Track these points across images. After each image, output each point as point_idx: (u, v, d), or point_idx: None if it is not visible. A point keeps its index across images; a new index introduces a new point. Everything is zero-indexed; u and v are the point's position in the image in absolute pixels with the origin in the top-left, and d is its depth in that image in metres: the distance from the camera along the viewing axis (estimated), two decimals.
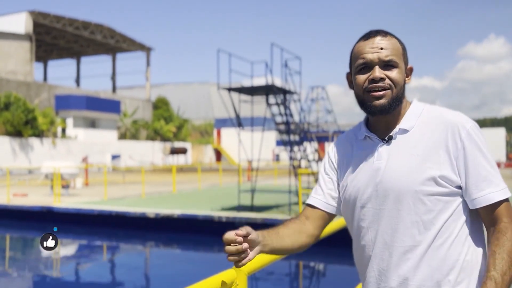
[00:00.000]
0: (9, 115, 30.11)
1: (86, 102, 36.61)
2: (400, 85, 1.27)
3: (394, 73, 1.26)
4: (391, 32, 1.32)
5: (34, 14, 37.68)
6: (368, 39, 1.28)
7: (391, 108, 1.26)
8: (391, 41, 1.28)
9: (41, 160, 29.83)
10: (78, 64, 50.94)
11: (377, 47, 1.26)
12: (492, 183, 1.21)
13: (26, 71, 37.23)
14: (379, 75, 1.24)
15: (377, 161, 1.28)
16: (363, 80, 1.27)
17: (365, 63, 1.27)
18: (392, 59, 1.25)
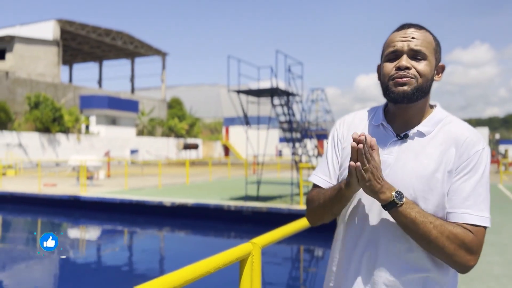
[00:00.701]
0: (39, 113, 30.33)
1: (107, 102, 36.74)
2: (427, 77, 1.15)
3: (422, 65, 1.14)
4: (427, 28, 1.20)
5: (61, 22, 37.86)
6: (402, 29, 1.18)
7: (413, 96, 1.14)
8: (424, 34, 1.17)
9: (67, 154, 30.08)
10: (100, 68, 51.05)
11: (408, 36, 1.16)
12: (475, 205, 1.10)
13: (53, 73, 37.42)
14: (405, 63, 1.13)
15: (387, 155, 1.17)
16: (390, 68, 1.16)
17: (394, 51, 1.16)
18: (421, 50, 1.14)
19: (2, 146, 27.35)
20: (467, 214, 1.09)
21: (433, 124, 1.18)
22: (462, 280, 4.33)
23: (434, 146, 1.15)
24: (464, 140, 1.14)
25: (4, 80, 32.60)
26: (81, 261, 7.99)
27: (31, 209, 12.67)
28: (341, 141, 1.28)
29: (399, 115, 1.20)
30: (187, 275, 1.19)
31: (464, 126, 1.18)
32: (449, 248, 1.07)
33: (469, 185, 1.11)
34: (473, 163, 1.12)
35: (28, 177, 18.63)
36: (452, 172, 1.12)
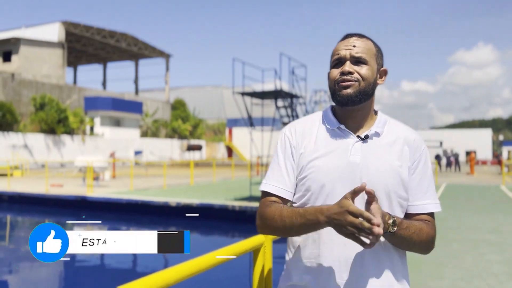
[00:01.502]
0: (44, 115, 30.56)
1: (112, 103, 36.94)
2: (369, 81, 1.25)
3: (363, 70, 1.24)
4: (368, 36, 1.31)
5: (66, 24, 38.12)
6: (345, 39, 1.29)
7: (357, 98, 1.23)
8: (365, 42, 1.27)
9: (72, 155, 30.29)
10: (105, 69, 51.30)
11: (350, 45, 1.26)
12: (431, 196, 1.27)
13: (58, 75, 37.69)
14: (348, 68, 1.23)
15: (353, 156, 1.22)
16: (336, 73, 1.26)
17: (338, 58, 1.26)
18: (362, 56, 1.25)
19: (8, 147, 27.60)
20: (429, 204, 1.26)
21: (382, 125, 1.28)
22: (461, 277, 4.46)
23: (391, 145, 1.25)
24: (413, 139, 1.28)
25: (10, 82, 32.87)
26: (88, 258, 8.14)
27: (39, 209, 12.85)
28: (295, 149, 1.29)
29: (350, 118, 1.28)
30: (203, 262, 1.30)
31: (407, 127, 1.32)
32: (425, 246, 1.24)
33: (425, 180, 1.26)
34: (424, 159, 1.27)
35: (35, 178, 18.83)
36: (409, 168, 1.25)
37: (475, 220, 8.01)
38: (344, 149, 1.23)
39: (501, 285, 4.18)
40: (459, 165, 29.62)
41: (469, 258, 5.22)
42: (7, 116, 28.27)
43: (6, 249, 9.37)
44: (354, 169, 1.20)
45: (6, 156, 25.87)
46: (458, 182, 18.38)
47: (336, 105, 1.28)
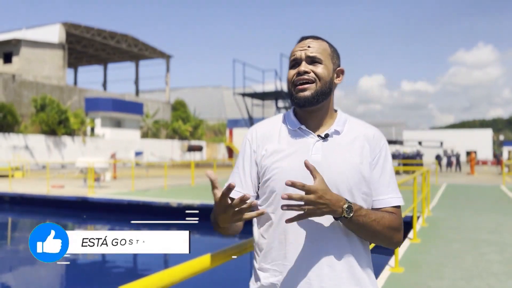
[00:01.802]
0: (45, 116, 30.61)
1: (112, 104, 36.98)
2: (325, 80, 1.27)
3: (319, 69, 1.26)
4: (324, 38, 1.34)
5: (67, 25, 38.18)
6: (300, 41, 1.32)
7: (314, 100, 1.26)
8: (320, 43, 1.30)
9: (72, 156, 30.34)
10: (105, 70, 51.39)
11: (305, 46, 1.29)
12: (393, 190, 1.29)
13: (59, 76, 37.75)
14: (303, 68, 1.26)
15: (314, 155, 1.24)
16: (292, 74, 1.29)
17: (294, 59, 1.29)
18: (317, 55, 1.27)
19: (9, 148, 27.64)
20: (391, 198, 1.27)
21: (342, 124, 1.30)
22: (461, 277, 4.49)
23: (350, 142, 1.27)
24: (373, 135, 1.30)
25: (11, 83, 32.93)
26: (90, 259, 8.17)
27: (40, 210, 12.89)
28: (256, 152, 1.31)
29: (310, 118, 1.30)
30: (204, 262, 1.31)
31: (367, 124, 1.35)
32: (389, 235, 1.24)
33: (386, 174, 1.28)
34: (383, 155, 1.29)
35: (35, 179, 18.87)
36: (370, 164, 1.26)
37: (475, 220, 8.03)
38: (306, 149, 1.25)
39: (501, 284, 4.21)
40: (460, 165, 29.64)
41: (469, 258, 5.24)
42: (8, 117, 28.31)
43: (8, 250, 9.41)
44: (315, 166, 1.17)
45: (7, 157, 25.91)
46: (458, 182, 18.40)
47: (295, 106, 1.31)
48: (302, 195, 1.09)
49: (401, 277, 4.45)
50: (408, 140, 59.38)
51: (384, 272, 4.63)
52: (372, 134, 1.30)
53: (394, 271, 4.65)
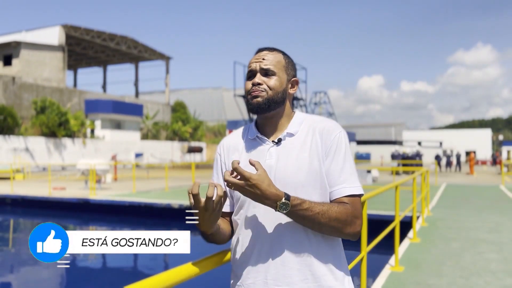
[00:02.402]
0: (45, 118, 30.67)
1: (112, 106, 37.03)
2: (276, 90, 1.34)
3: (271, 81, 1.34)
4: (279, 49, 1.41)
5: (67, 28, 38.26)
6: (257, 53, 1.40)
7: (265, 106, 1.34)
8: (274, 55, 1.38)
9: (73, 158, 30.40)
10: (105, 72, 51.44)
11: (260, 58, 1.37)
12: (347, 180, 1.30)
13: (59, 78, 37.81)
14: (257, 80, 1.34)
15: (268, 160, 1.32)
16: (249, 85, 1.37)
17: (250, 70, 1.37)
18: (270, 68, 1.35)
19: (9, 150, 27.71)
20: (344, 188, 1.29)
21: (297, 125, 1.37)
22: (460, 275, 4.57)
23: (303, 141, 1.33)
24: (323, 128, 1.34)
25: (11, 85, 33.00)
26: (93, 259, 8.25)
27: (42, 213, 12.95)
28: (225, 164, 1.42)
29: (267, 125, 1.39)
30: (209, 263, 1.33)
31: (320, 118, 1.40)
32: (338, 226, 1.25)
33: (337, 164, 1.31)
34: (335, 145, 1.32)
35: (36, 181, 18.93)
36: (322, 156, 1.31)
37: (474, 220, 8.12)
38: (261, 156, 1.34)
39: (499, 282, 4.30)
40: (459, 165, 29.73)
41: (468, 257, 5.33)
42: (8, 120, 28.38)
43: (10, 252, 9.48)
44: (269, 171, 1.28)
45: (8, 159, 25.97)
46: (457, 182, 18.49)
47: (251, 112, 1.49)
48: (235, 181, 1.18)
49: (401, 276, 4.54)
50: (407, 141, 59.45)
51: (384, 271, 4.71)
52: (323, 127, 1.35)
53: (395, 270, 4.73)
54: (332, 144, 1.32)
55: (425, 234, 6.75)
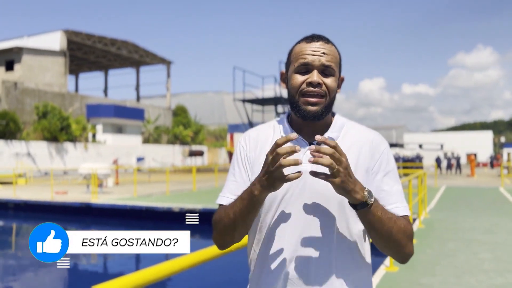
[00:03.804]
0: (47, 123, 30.86)
1: (114, 110, 37.22)
2: (334, 93, 1.18)
3: (330, 81, 1.16)
4: (331, 41, 1.22)
5: (68, 33, 38.54)
6: (312, 42, 1.17)
7: (323, 115, 1.17)
8: (332, 49, 1.18)
9: (74, 162, 30.57)
10: (106, 77, 51.68)
11: (319, 51, 1.16)
12: (399, 199, 1.18)
13: (60, 83, 38.06)
14: (317, 79, 1.14)
15: (304, 163, 1.11)
16: (301, 82, 1.16)
17: (306, 64, 1.15)
18: (331, 65, 1.16)
19: (12, 155, 27.90)
20: (398, 207, 1.16)
21: (338, 129, 1.21)
22: (453, 274, 4.69)
23: (346, 149, 1.13)
24: (372, 140, 1.20)
25: (13, 91, 33.24)
26: (96, 262, 8.37)
27: (44, 217, 13.08)
28: (249, 158, 1.24)
29: (307, 126, 1.21)
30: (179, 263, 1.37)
31: (366, 129, 1.25)
32: (403, 241, 1.12)
33: (390, 183, 1.18)
34: (385, 160, 1.20)
35: (39, 186, 19.08)
36: (368, 170, 1.17)
37: (471, 221, 8.23)
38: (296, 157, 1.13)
39: (490, 280, 4.42)
40: (460, 167, 29.81)
41: (462, 257, 5.45)
42: (10, 125, 28.58)
43: (12, 256, 9.61)
44: (304, 177, 1.10)
45: (10, 164, 26.15)
46: (457, 184, 18.58)
47: (297, 116, 1.20)
48: (333, 151, 1.00)
49: (395, 276, 4.66)
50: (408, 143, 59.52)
51: (379, 271, 4.84)
52: (372, 139, 1.21)
53: (389, 270, 4.85)
54: (382, 158, 1.19)
55: (422, 235, 6.86)
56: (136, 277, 1.15)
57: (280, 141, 1.01)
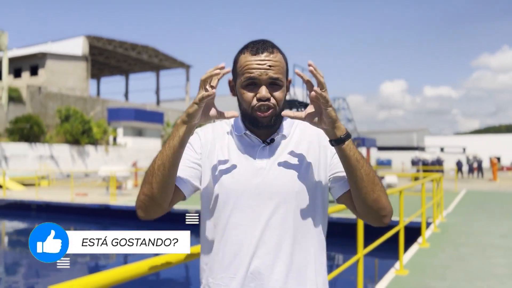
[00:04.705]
0: (69, 126, 31.56)
1: (134, 114, 37.77)
2: (283, 101, 1.22)
3: (278, 93, 1.19)
4: (276, 45, 1.23)
5: (90, 38, 39.40)
6: (257, 54, 1.18)
7: (275, 124, 1.22)
8: (278, 58, 1.19)
9: (95, 165, 31.15)
10: (127, 81, 52.54)
11: (265, 64, 1.17)
12: None
13: (82, 87, 38.90)
14: (266, 94, 1.16)
15: (259, 160, 1.20)
16: (251, 97, 1.19)
17: (253, 78, 1.17)
18: (279, 78, 1.18)
19: (36, 158, 28.64)
20: None
21: (289, 127, 1.27)
22: (464, 278, 4.65)
23: (298, 144, 1.24)
24: (319, 133, 1.24)
25: (37, 95, 34.15)
26: (114, 260, 8.54)
27: (65, 217, 13.42)
28: (201, 153, 1.26)
29: None
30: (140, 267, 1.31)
31: (311, 125, 1.24)
32: (383, 190, 1.16)
33: None
34: None
35: (60, 187, 19.54)
36: (322, 161, 1.25)
37: (488, 226, 8.09)
38: (251, 154, 1.22)
39: (502, 286, 4.36)
40: (482, 171, 29.19)
41: (475, 262, 5.38)
42: (34, 128, 29.35)
43: None
44: (259, 173, 1.18)
45: (34, 166, 26.85)
46: (478, 188, 18.22)
47: (252, 127, 1.24)
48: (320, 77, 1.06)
49: (405, 279, 4.64)
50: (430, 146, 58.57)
51: (388, 274, 4.83)
52: (318, 132, 1.25)
53: (399, 273, 4.84)
54: (332, 149, 1.24)
55: (436, 239, 6.79)
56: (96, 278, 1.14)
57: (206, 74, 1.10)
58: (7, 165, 26.50)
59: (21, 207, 14.47)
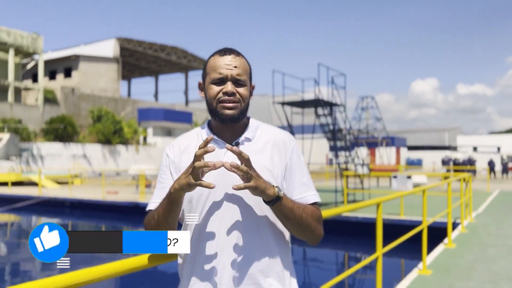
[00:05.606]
0: (101, 126, 32.42)
1: (163, 114, 38.38)
2: (247, 100, 1.34)
3: (242, 90, 1.32)
4: (241, 53, 1.37)
5: (121, 40, 40.36)
6: (224, 56, 1.33)
7: (239, 118, 1.32)
8: (242, 61, 1.34)
9: (126, 164, 31.90)
10: (156, 82, 53.45)
11: (231, 64, 1.31)
12: (310, 188, 1.35)
13: (114, 88, 39.89)
14: (231, 89, 1.29)
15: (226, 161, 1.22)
16: (217, 92, 1.31)
17: (220, 78, 1.31)
18: (242, 78, 1.32)
19: (69, 157, 29.61)
20: (309, 196, 1.34)
21: (253, 131, 1.38)
22: (489, 280, 4.56)
23: (261, 148, 1.34)
24: (282, 139, 1.37)
25: (71, 96, 35.28)
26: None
27: (96, 215, 13.86)
28: (174, 163, 1.36)
29: (226, 129, 1.36)
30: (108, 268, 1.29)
31: (277, 129, 1.42)
32: (313, 224, 1.31)
33: (300, 174, 1.36)
34: (296, 156, 1.37)
35: (92, 186, 20.15)
36: (282, 167, 1.34)
37: None
38: (217, 158, 1.29)
39: None
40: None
41: (501, 263, 5.26)
42: (68, 128, 30.33)
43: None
44: (225, 175, 1.25)
45: (68, 165, 27.77)
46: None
47: (216, 120, 1.36)
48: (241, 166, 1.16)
49: (427, 279, 4.60)
50: (462, 146, 56.98)
51: (411, 274, 4.79)
52: (282, 139, 1.37)
53: (422, 273, 4.80)
54: (292, 154, 1.36)
55: (463, 240, 6.67)
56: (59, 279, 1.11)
57: (200, 146, 1.16)
58: (43, 164, 27.52)
59: (55, 204, 15.02)
